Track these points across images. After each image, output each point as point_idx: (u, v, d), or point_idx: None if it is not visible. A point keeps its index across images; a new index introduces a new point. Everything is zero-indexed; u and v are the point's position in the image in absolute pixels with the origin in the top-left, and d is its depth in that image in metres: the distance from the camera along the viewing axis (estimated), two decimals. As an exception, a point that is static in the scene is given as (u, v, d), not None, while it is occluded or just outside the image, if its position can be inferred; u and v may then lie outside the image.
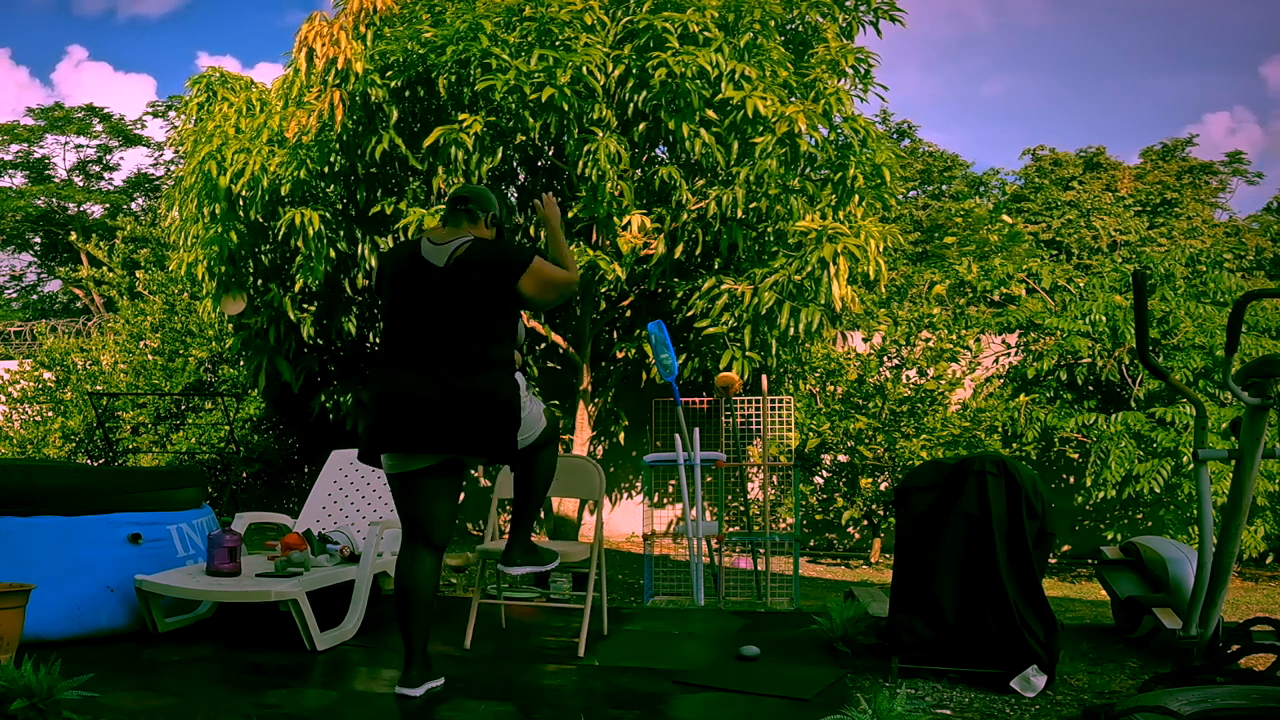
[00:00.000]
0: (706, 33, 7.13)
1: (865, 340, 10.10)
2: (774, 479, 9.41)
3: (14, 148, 25.83)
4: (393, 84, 7.42)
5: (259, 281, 8.65)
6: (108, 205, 25.68)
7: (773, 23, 7.55)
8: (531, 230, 7.96)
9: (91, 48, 47.78)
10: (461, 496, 3.90)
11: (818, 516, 9.96)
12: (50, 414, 11.89)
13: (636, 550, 9.50)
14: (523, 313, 3.59)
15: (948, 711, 3.24)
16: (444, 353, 3.26)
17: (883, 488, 9.31)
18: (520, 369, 3.53)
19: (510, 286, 3.30)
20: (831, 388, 9.55)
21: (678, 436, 5.92)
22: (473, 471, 3.20)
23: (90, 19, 45.95)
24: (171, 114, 24.96)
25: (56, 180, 26.13)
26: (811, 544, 10.45)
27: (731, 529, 6.81)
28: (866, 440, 9.09)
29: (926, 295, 11.05)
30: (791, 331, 7.35)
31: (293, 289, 8.16)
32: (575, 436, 8.57)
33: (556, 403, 9.01)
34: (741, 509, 7.19)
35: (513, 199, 8.29)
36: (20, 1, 42.92)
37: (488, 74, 6.97)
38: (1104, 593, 5.09)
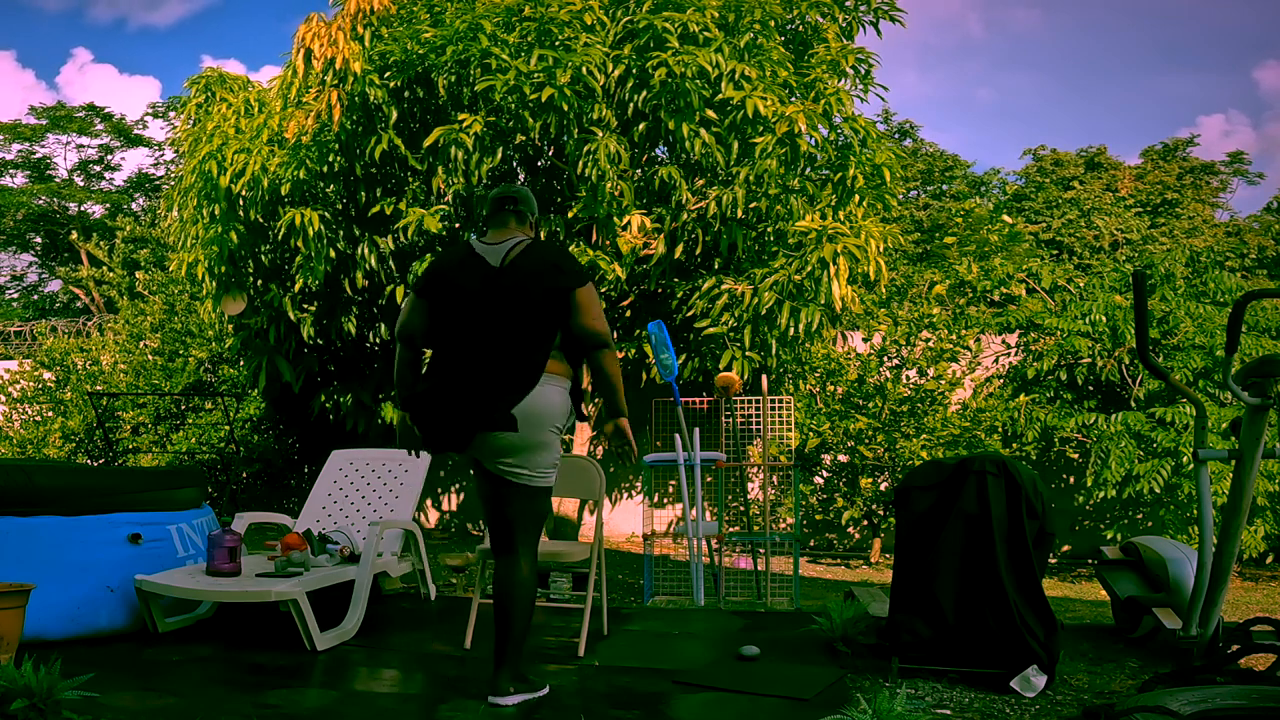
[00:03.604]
0: (706, 33, 7.14)
1: (865, 340, 10.09)
2: (774, 479, 9.40)
3: (16, 147, 25.85)
4: (391, 84, 7.42)
5: (259, 281, 8.65)
6: (108, 205, 25.68)
7: (773, 23, 7.55)
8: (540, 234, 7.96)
9: (97, 51, 47.87)
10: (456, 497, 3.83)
11: (818, 516, 9.95)
12: (50, 414, 11.89)
13: (636, 550, 9.49)
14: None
15: (948, 711, 3.24)
16: (493, 355, 3.20)
17: (883, 488, 9.31)
18: (573, 390, 3.34)
19: (568, 291, 3.20)
20: (831, 388, 9.55)
21: (678, 436, 5.91)
22: (470, 471, 3.22)
23: (100, 27, 46.09)
24: (171, 114, 24.97)
25: (57, 180, 26.14)
26: (811, 544, 10.44)
27: (731, 529, 6.81)
28: (866, 440, 9.08)
29: (926, 295, 11.04)
30: (791, 331, 7.35)
31: (293, 289, 8.17)
32: (575, 436, 8.57)
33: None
34: (741, 509, 7.19)
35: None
36: (30, 8, 43.02)
37: (487, 74, 6.97)
38: (1104, 593, 5.09)
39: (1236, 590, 7.97)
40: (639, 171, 7.70)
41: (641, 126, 7.42)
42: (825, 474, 9.75)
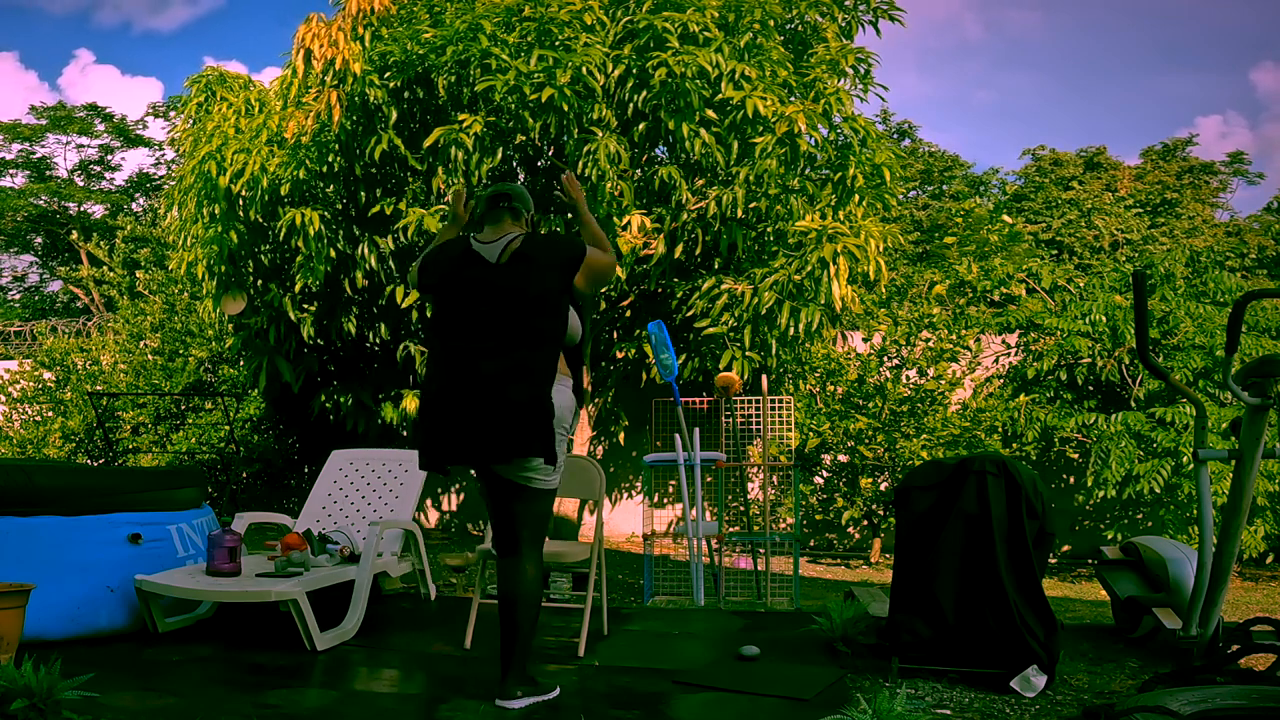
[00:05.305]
0: (706, 33, 7.14)
1: (865, 340, 10.09)
2: (774, 479, 9.40)
3: (16, 147, 25.84)
4: (391, 84, 7.42)
5: (259, 281, 8.65)
6: (109, 205, 25.67)
7: (772, 23, 7.55)
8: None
9: (99, 52, 47.91)
10: (461, 497, 3.83)
11: (818, 516, 9.95)
12: (50, 414, 11.89)
13: (636, 550, 9.49)
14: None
15: (948, 711, 3.24)
16: (492, 355, 3.15)
17: (883, 488, 9.31)
18: (575, 388, 3.33)
19: (569, 281, 3.22)
20: (831, 388, 9.55)
21: (678, 436, 5.91)
22: (471, 472, 3.15)
23: (104, 30, 46.11)
24: (172, 114, 24.94)
25: (57, 180, 26.12)
26: (811, 544, 10.44)
27: (731, 529, 6.81)
28: (866, 440, 9.08)
29: (926, 295, 11.04)
30: (791, 331, 7.35)
31: (293, 289, 8.17)
32: (575, 436, 8.57)
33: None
34: (741, 509, 7.19)
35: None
36: (32, 10, 43.04)
37: (487, 74, 6.97)
38: (1104, 593, 5.09)
39: (1236, 590, 7.97)
40: (639, 171, 7.70)
41: (641, 126, 7.42)
42: (825, 474, 9.75)
